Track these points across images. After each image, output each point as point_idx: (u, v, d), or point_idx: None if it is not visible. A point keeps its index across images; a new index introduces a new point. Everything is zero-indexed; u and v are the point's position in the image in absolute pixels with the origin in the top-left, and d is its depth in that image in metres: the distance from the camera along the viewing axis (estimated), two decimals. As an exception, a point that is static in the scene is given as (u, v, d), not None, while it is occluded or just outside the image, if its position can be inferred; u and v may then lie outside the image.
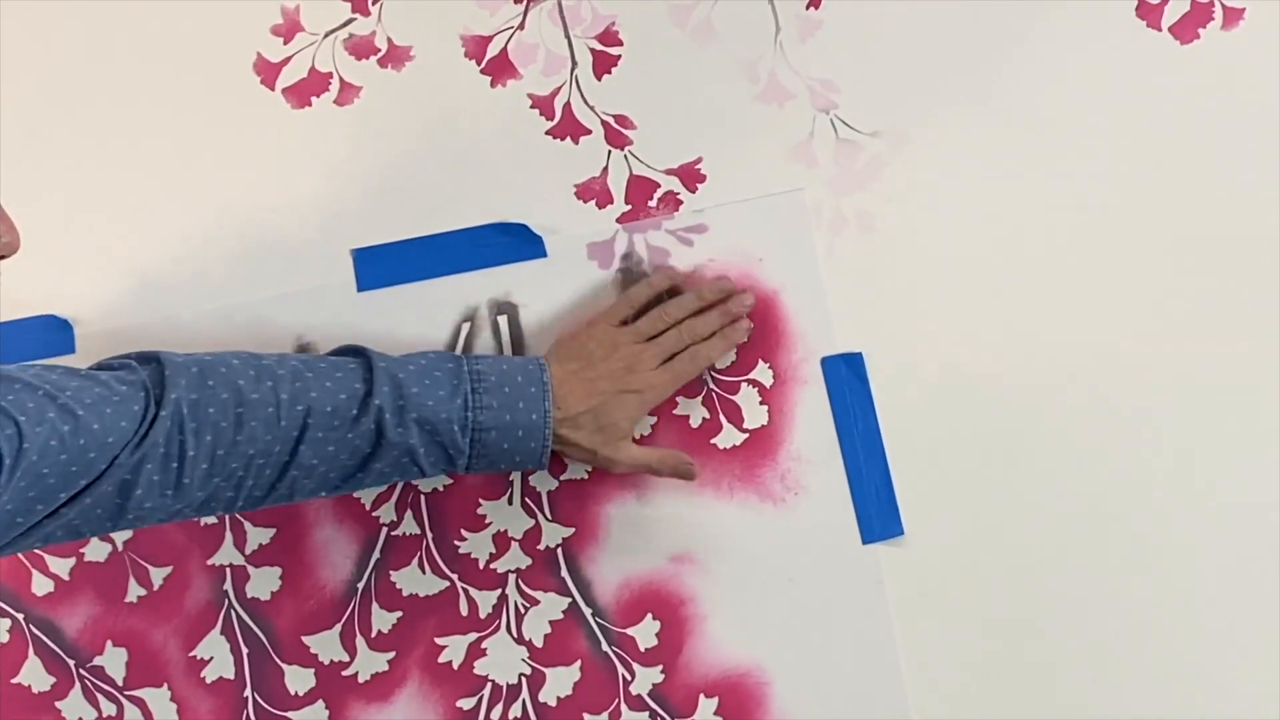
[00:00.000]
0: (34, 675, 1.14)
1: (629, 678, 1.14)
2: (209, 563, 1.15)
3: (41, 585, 1.15)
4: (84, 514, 0.94)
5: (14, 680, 1.14)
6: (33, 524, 0.92)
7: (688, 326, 1.11)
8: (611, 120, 1.15)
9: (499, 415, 1.03)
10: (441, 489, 1.15)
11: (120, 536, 1.15)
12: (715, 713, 1.13)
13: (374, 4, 1.16)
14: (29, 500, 0.91)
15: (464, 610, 1.14)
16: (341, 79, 1.16)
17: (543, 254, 1.15)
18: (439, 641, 1.14)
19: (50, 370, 0.96)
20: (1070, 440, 1.13)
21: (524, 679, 1.14)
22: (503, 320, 1.15)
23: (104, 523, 0.96)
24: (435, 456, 1.03)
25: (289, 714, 1.14)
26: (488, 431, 1.03)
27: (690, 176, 1.15)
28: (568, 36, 1.16)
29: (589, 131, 1.15)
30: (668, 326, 1.11)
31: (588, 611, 1.14)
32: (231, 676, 1.15)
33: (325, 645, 1.14)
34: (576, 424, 1.06)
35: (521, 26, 1.16)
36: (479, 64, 1.16)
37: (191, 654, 1.15)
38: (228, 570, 1.15)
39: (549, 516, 1.15)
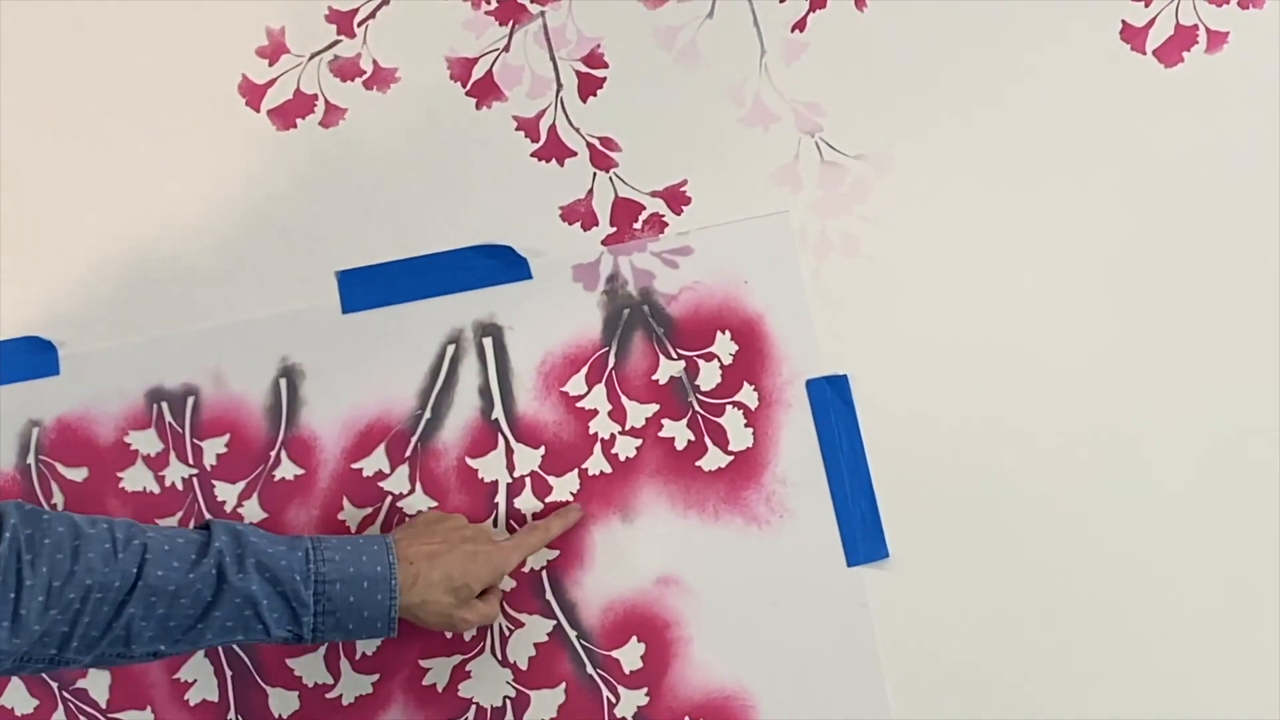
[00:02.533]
0: (17, 698, 1.14)
1: (614, 700, 1.14)
2: (193, 585, 1.15)
3: (25, 607, 1.14)
4: None
5: (-3, 703, 1.14)
6: None
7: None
8: (597, 142, 1.16)
9: (341, 568, 1.02)
10: (426, 511, 1.14)
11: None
12: (700, 736, 1.13)
13: (359, 26, 1.16)
14: None
15: (448, 633, 1.14)
16: (327, 101, 1.16)
17: (528, 276, 1.16)
18: (423, 664, 1.14)
19: None
20: (1056, 463, 1.13)
21: (509, 702, 1.14)
22: (488, 342, 1.15)
23: None
24: (279, 612, 1.01)
25: (273, 737, 1.14)
26: (331, 584, 1.02)
27: (675, 199, 1.15)
28: (553, 59, 1.16)
29: (574, 154, 1.16)
30: None
31: (572, 634, 1.14)
32: (215, 699, 1.14)
33: (309, 668, 1.14)
34: (430, 584, 1.05)
35: (507, 49, 1.16)
36: (464, 86, 1.16)
37: (175, 676, 1.14)
38: (212, 592, 1.15)
39: (534, 539, 1.15)
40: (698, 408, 1.15)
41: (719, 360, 1.15)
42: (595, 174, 1.16)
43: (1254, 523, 1.12)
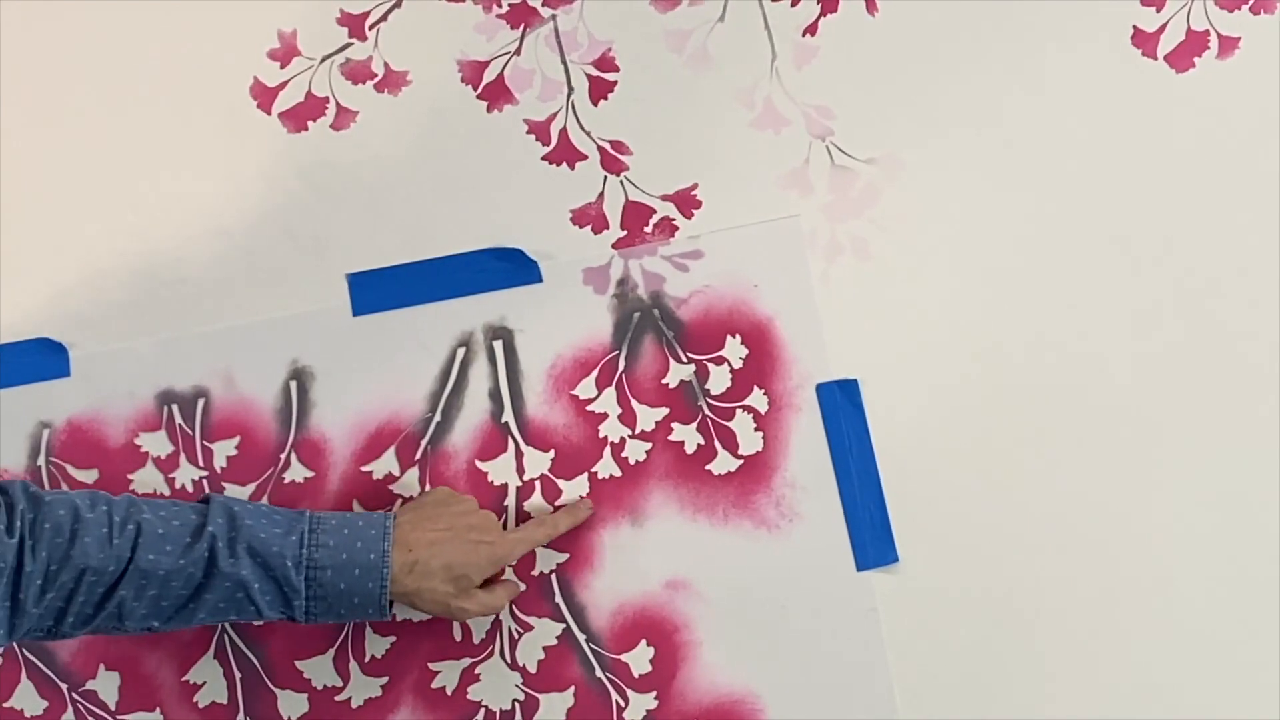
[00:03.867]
0: (27, 699, 1.14)
1: (622, 704, 1.13)
2: (202, 587, 1.15)
3: (34, 609, 1.14)
4: None
5: (6, 704, 1.14)
6: None
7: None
8: (608, 146, 1.16)
9: (335, 554, 1.02)
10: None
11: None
12: (709, 740, 1.13)
13: (371, 29, 1.16)
14: None
15: (458, 635, 1.14)
16: (338, 103, 1.16)
17: (538, 279, 1.16)
18: (432, 667, 1.14)
19: None
20: (1067, 467, 1.13)
21: (517, 705, 1.14)
22: (498, 345, 1.15)
23: None
24: (271, 595, 1.02)
25: (282, 739, 1.14)
26: (323, 570, 1.02)
27: (686, 202, 1.15)
28: (564, 62, 1.16)
29: (585, 157, 1.16)
30: None
31: (581, 637, 1.14)
32: (224, 701, 1.14)
33: (318, 670, 1.14)
34: (429, 572, 1.05)
35: (518, 52, 1.16)
36: (475, 89, 1.16)
37: (184, 679, 1.14)
38: (221, 594, 1.15)
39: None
40: (708, 411, 1.15)
41: (729, 364, 1.15)
42: (606, 177, 1.16)
43: (1267, 531, 1.12)
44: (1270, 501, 1.12)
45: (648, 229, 1.16)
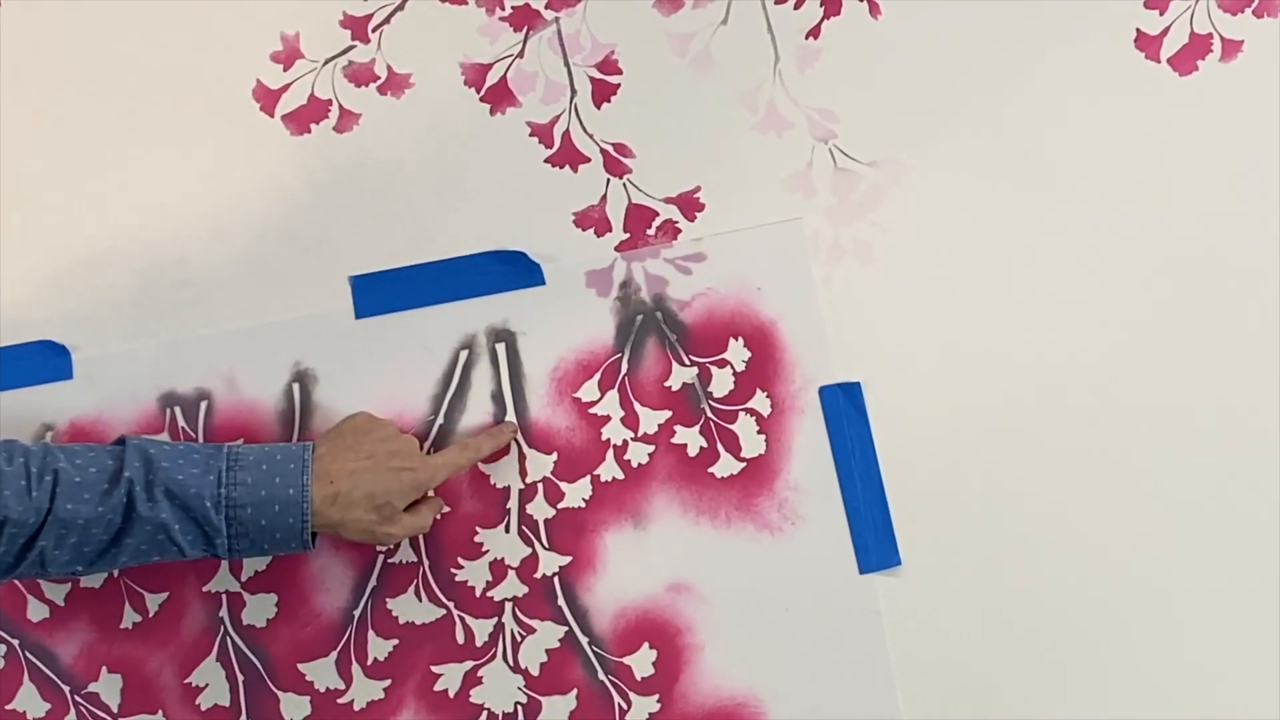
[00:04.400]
0: (29, 702, 1.14)
1: (625, 707, 1.13)
2: (205, 589, 1.15)
3: (37, 611, 1.14)
4: None
5: (8, 706, 1.14)
6: None
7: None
8: (610, 148, 1.16)
9: (253, 491, 1.02)
10: (439, 516, 1.14)
11: (116, 563, 1.15)
12: (711, 742, 1.13)
13: (374, 31, 1.16)
14: None
15: (460, 638, 1.14)
16: (341, 106, 1.16)
17: (541, 282, 1.16)
18: (435, 669, 1.14)
19: None
20: (1069, 471, 1.13)
21: (520, 708, 1.14)
22: (501, 347, 1.15)
23: None
24: (192, 535, 1.02)
25: (284, 742, 1.14)
26: (243, 508, 1.02)
27: (689, 205, 1.15)
28: (567, 65, 1.16)
29: (588, 160, 1.16)
30: None
31: (584, 640, 1.14)
32: (227, 704, 1.14)
33: (321, 673, 1.14)
34: (351, 503, 1.05)
35: (521, 55, 1.16)
36: (478, 92, 1.16)
37: (187, 681, 1.14)
38: (224, 597, 1.15)
39: (546, 545, 1.15)
40: (710, 414, 1.15)
41: (732, 367, 1.15)
42: (609, 180, 1.16)
43: (1269, 535, 1.12)
44: (1274, 506, 1.12)
45: (651, 232, 1.16)
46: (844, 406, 1.14)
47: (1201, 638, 1.11)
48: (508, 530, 1.15)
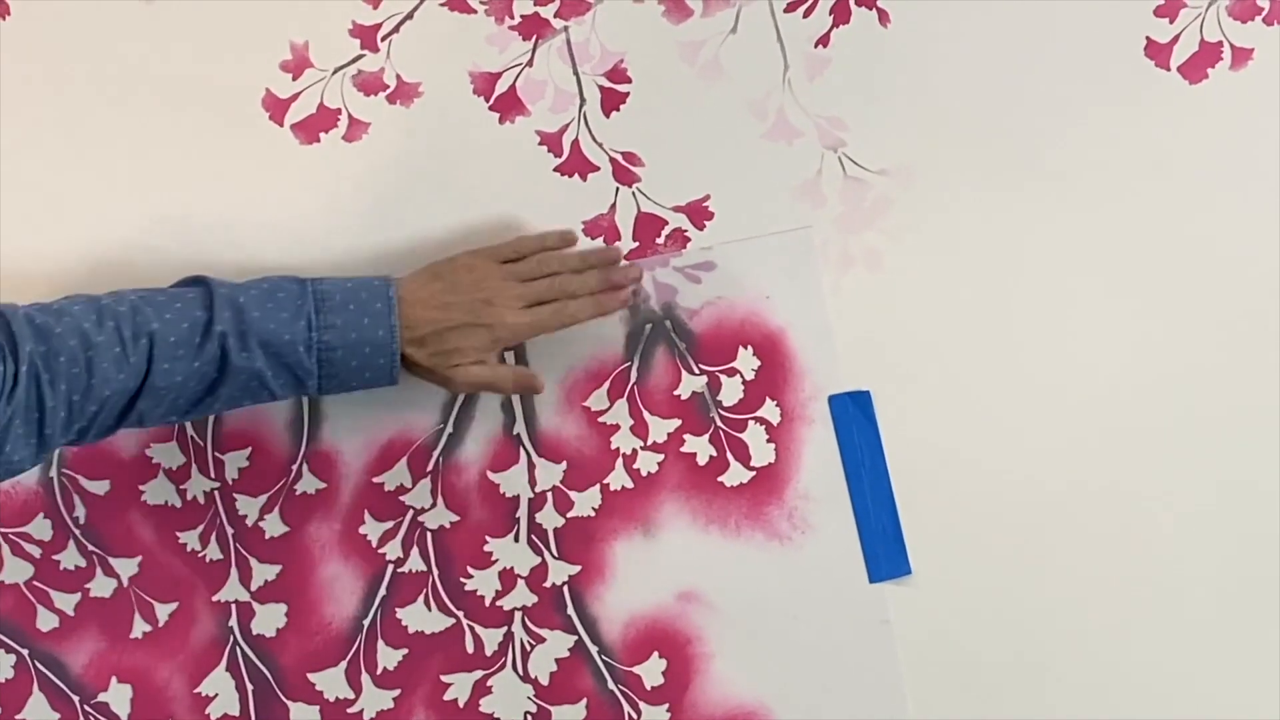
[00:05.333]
0: (38, 711, 1.14)
1: (635, 716, 1.13)
2: (214, 599, 1.15)
3: (46, 621, 1.14)
4: None
5: (18, 717, 1.14)
6: None
7: (563, 280, 1.10)
8: (619, 157, 1.16)
9: (344, 334, 1.03)
10: (449, 525, 1.14)
11: (126, 572, 1.14)
12: (721, 752, 1.13)
13: (383, 40, 1.16)
14: None
15: (470, 647, 1.14)
16: (350, 115, 1.16)
17: (550, 291, 1.15)
18: (444, 679, 1.14)
19: None
20: (1080, 479, 1.13)
21: (529, 717, 1.14)
22: (510, 356, 1.15)
23: None
24: (284, 379, 1.03)
25: (294, 751, 1.14)
26: (334, 350, 1.03)
27: (698, 214, 1.15)
28: (576, 73, 1.16)
29: (597, 168, 1.15)
30: (544, 275, 1.10)
31: (594, 649, 1.14)
32: (236, 713, 1.14)
33: (330, 682, 1.14)
34: (421, 343, 1.06)
35: (530, 63, 1.16)
36: (487, 100, 1.16)
37: (196, 691, 1.14)
38: (233, 606, 1.15)
39: (555, 554, 1.14)
40: (720, 423, 1.15)
41: (741, 375, 1.15)
42: (618, 189, 1.15)
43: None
44: (1285, 514, 1.12)
45: (660, 240, 1.15)
46: (853, 415, 1.14)
47: (1215, 648, 1.11)
48: (517, 539, 1.15)
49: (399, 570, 1.15)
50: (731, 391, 1.15)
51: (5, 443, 0.95)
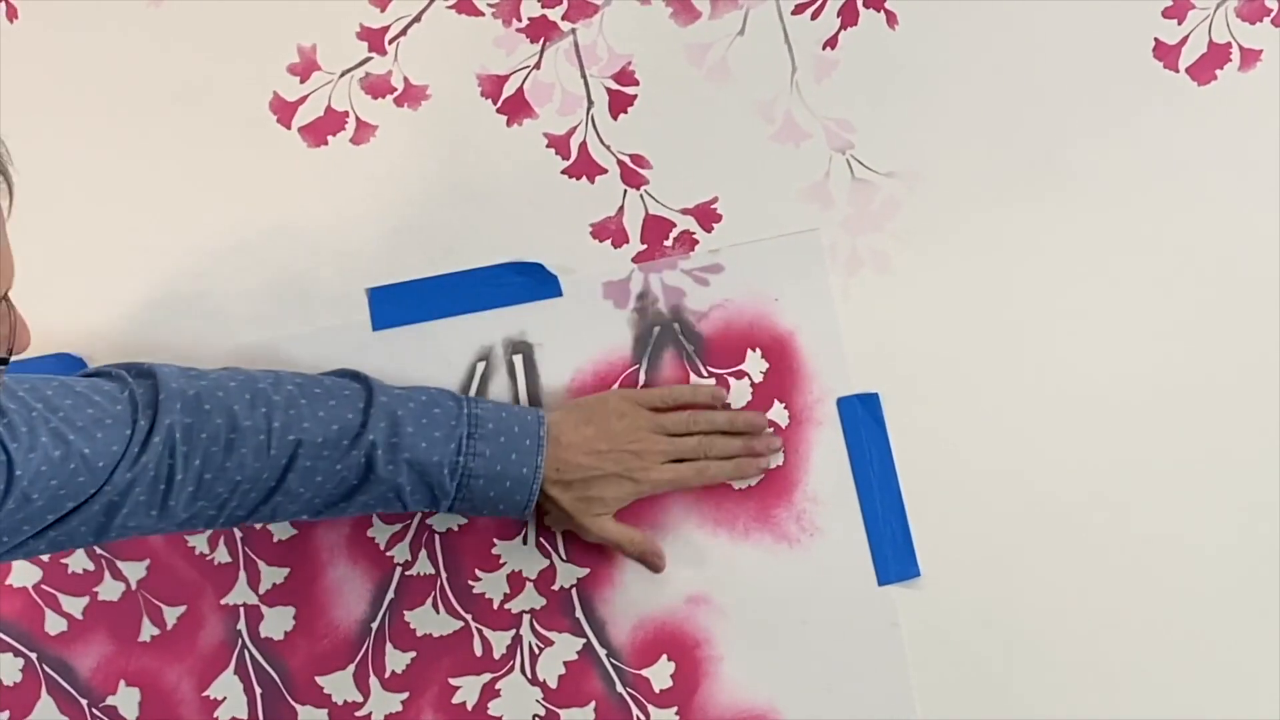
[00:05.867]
0: (47, 715, 1.14)
1: (644, 719, 1.13)
2: (222, 602, 1.15)
3: (55, 624, 1.14)
4: (69, 532, 0.95)
5: (27, 720, 1.14)
6: (17, 543, 0.93)
7: (709, 441, 1.11)
8: (627, 160, 1.15)
9: (490, 464, 1.03)
10: (456, 528, 1.14)
11: (134, 575, 1.15)
12: (730, 755, 1.13)
13: (390, 43, 1.16)
14: (16, 523, 0.91)
15: (478, 651, 1.14)
16: (358, 118, 1.16)
17: (558, 293, 1.15)
18: (453, 682, 1.14)
19: (45, 384, 0.96)
20: (1089, 482, 1.12)
21: (538, 720, 1.14)
22: (518, 359, 1.15)
23: (87, 538, 0.97)
24: (420, 495, 1.03)
25: (302, 754, 1.14)
26: (476, 479, 1.03)
27: (706, 216, 1.15)
28: (584, 76, 1.15)
29: (605, 171, 1.15)
30: (691, 433, 1.11)
31: (602, 652, 1.14)
32: (244, 717, 1.14)
33: (339, 685, 1.14)
34: (567, 486, 1.06)
35: (538, 66, 1.16)
36: (495, 103, 1.16)
37: (205, 694, 1.14)
38: (241, 610, 1.15)
39: (564, 557, 1.14)
40: (728, 426, 1.14)
41: (749, 378, 1.15)
42: (626, 191, 1.15)
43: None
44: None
45: (668, 243, 1.15)
46: (862, 417, 1.14)
47: (1227, 652, 1.11)
48: (525, 542, 1.15)
49: (407, 573, 1.15)
50: (740, 394, 1.15)
51: (123, 507, 0.95)
